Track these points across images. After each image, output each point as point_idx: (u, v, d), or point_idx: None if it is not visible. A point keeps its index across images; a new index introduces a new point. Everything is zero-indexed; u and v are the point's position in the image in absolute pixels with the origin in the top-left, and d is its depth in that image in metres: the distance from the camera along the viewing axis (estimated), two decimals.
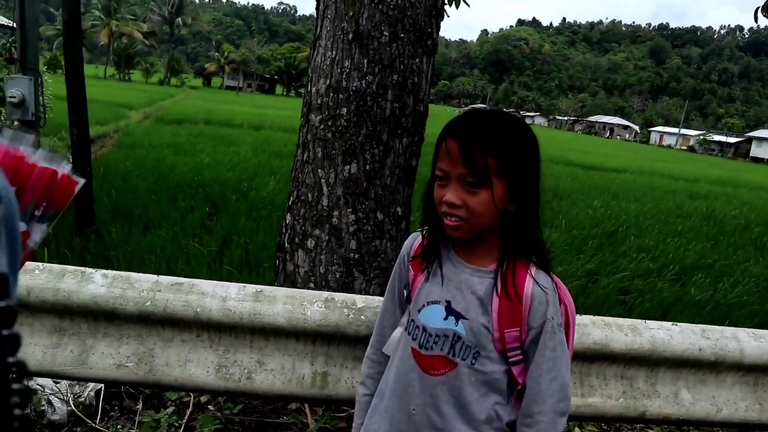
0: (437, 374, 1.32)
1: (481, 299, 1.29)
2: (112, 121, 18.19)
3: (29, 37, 6.16)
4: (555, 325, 1.29)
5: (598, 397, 2.08)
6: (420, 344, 1.34)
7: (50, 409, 2.79)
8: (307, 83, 3.13)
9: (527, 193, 1.25)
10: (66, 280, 1.89)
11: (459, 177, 1.21)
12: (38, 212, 0.78)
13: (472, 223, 1.23)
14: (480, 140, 1.19)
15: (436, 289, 1.35)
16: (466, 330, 1.29)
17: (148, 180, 8.73)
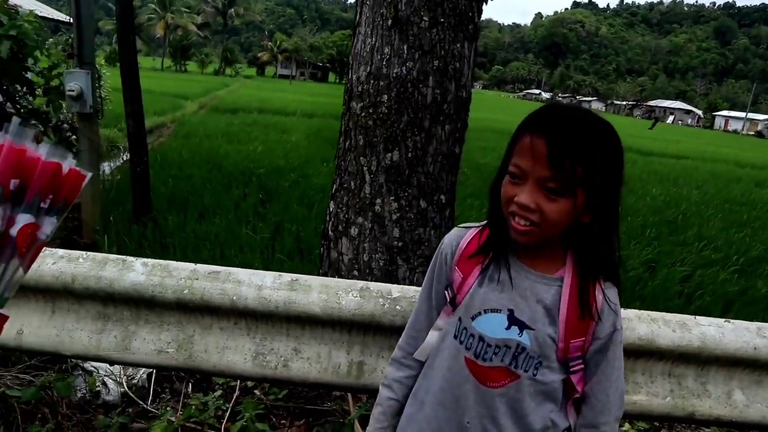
0: (496, 386, 1.24)
1: (548, 308, 1.22)
2: (169, 112, 18.66)
3: (85, 32, 6.34)
4: (621, 335, 1.26)
5: (643, 395, 2.00)
6: (476, 354, 1.25)
7: (105, 390, 2.89)
8: (348, 71, 3.12)
9: (607, 205, 1.17)
10: (108, 268, 1.94)
11: (540, 180, 1.11)
12: (44, 205, 0.79)
13: (543, 230, 1.15)
14: (572, 145, 1.09)
15: (494, 296, 1.25)
16: (531, 341, 1.22)
17: (202, 168, 8.92)
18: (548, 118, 1.14)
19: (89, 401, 2.79)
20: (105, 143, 11.72)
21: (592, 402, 1.27)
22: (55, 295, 2.01)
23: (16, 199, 0.76)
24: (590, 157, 1.09)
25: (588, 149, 1.10)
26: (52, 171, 0.79)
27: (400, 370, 1.44)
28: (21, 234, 0.78)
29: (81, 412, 2.71)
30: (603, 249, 1.21)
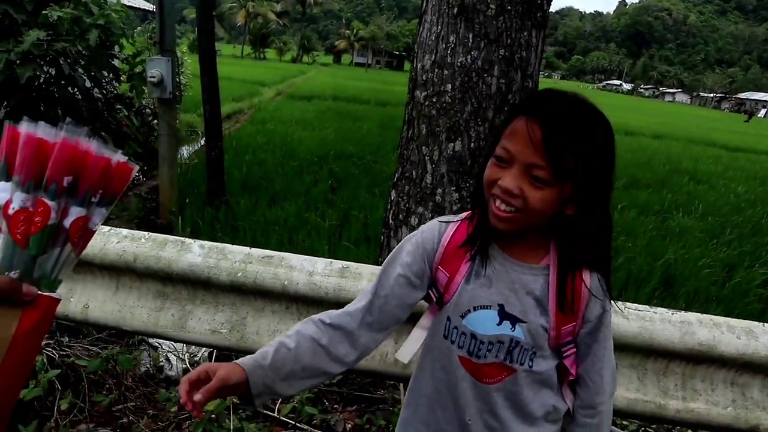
0: (492, 382, 1.22)
1: (538, 299, 1.18)
2: (247, 98, 19.16)
3: (167, 21, 6.57)
4: (610, 315, 1.24)
5: (702, 403, 1.90)
6: (470, 352, 1.21)
7: (168, 365, 3.01)
8: (413, 59, 3.09)
9: (595, 199, 1.11)
10: (167, 249, 2.01)
11: (527, 165, 1.05)
12: (95, 199, 0.84)
13: (524, 217, 1.09)
14: (568, 134, 1.03)
15: (482, 292, 1.20)
16: (524, 334, 1.18)
17: (276, 154, 9.11)
18: (545, 102, 1.08)
19: (152, 375, 2.91)
20: (184, 128, 12.16)
21: (588, 384, 1.26)
22: (119, 273, 2.10)
23: (70, 193, 0.81)
24: (584, 148, 1.04)
25: (583, 140, 1.04)
26: (103, 166, 0.83)
27: (324, 334, 1.23)
28: (73, 226, 0.83)
29: (144, 385, 2.84)
30: (587, 243, 1.16)
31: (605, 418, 1.28)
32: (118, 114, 8.30)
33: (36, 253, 0.79)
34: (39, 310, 0.79)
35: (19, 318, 0.77)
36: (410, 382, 1.38)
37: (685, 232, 7.11)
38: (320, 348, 1.21)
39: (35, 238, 0.78)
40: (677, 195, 9.35)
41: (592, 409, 1.26)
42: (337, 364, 1.24)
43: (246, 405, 1.19)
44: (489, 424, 1.24)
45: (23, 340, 0.77)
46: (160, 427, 2.57)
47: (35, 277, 0.80)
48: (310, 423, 2.65)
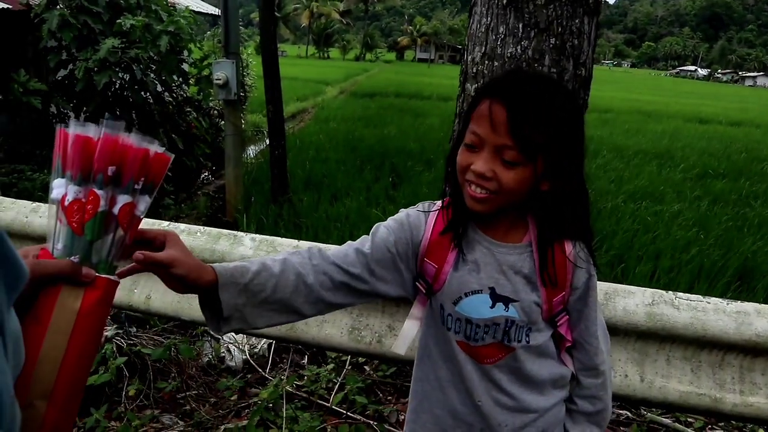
0: (492, 362, 1.24)
1: (527, 276, 1.20)
2: (311, 97, 19.51)
3: (231, 24, 6.77)
4: (595, 280, 1.25)
5: (762, 397, 1.82)
6: (467, 337, 1.23)
7: (229, 356, 3.13)
8: (464, 52, 3.08)
9: (568, 172, 1.12)
10: (221, 242, 2.10)
11: (497, 147, 1.06)
12: (138, 186, 0.90)
13: (500, 198, 1.10)
14: (532, 111, 1.04)
15: (472, 277, 1.20)
16: (518, 312, 1.20)
17: (338, 152, 9.23)
18: (508, 83, 1.09)
19: (214, 366, 3.03)
20: (249, 128, 12.50)
21: (585, 348, 1.28)
22: None
23: (115, 182, 0.89)
24: (551, 124, 1.05)
25: (548, 115, 1.05)
26: (142, 156, 0.90)
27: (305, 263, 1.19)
28: (121, 212, 0.90)
29: (206, 374, 2.96)
30: (564, 216, 1.17)
31: (608, 376, 1.32)
32: (188, 116, 8.64)
33: (91, 239, 0.87)
34: (99, 290, 0.87)
35: (82, 296, 0.85)
36: (414, 373, 1.40)
37: (765, 223, 6.77)
38: (303, 286, 1.16)
39: (89, 225, 0.87)
40: (756, 184, 8.91)
41: (594, 370, 1.29)
42: (313, 308, 1.20)
43: (211, 325, 1.12)
44: (499, 400, 1.26)
45: (87, 316, 0.85)
46: (221, 415, 2.68)
47: (93, 262, 0.88)
48: (363, 413, 2.70)
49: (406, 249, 1.25)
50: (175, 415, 2.66)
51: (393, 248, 1.24)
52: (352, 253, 1.22)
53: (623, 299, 1.87)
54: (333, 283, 1.20)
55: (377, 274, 1.23)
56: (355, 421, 2.61)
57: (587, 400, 1.32)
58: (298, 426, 2.46)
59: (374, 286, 1.24)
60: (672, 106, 24.49)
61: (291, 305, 1.17)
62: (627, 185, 7.92)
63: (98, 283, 0.87)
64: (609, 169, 8.96)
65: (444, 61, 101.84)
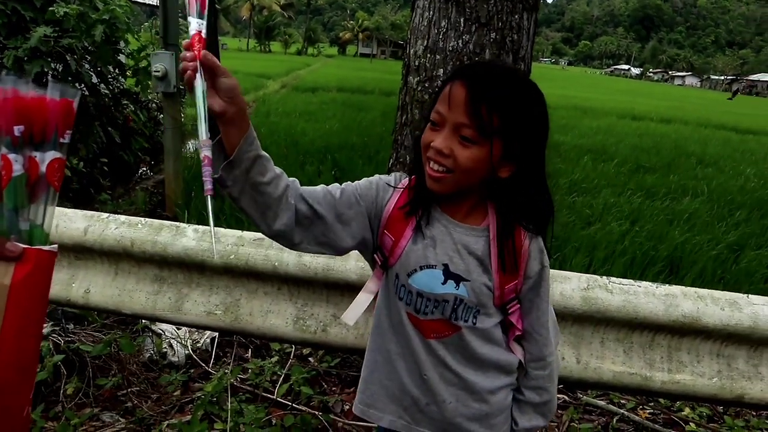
0: (438, 337, 1.29)
1: (480, 259, 1.24)
2: (252, 91, 19.20)
3: (170, 15, 6.60)
4: (548, 271, 1.30)
5: (687, 375, 1.94)
6: (416, 310, 1.28)
7: (171, 351, 3.08)
8: (406, 46, 3.12)
9: (526, 157, 1.17)
10: (163, 233, 2.07)
11: (455, 126, 1.12)
12: (64, 139, 0.87)
13: (456, 177, 1.15)
14: (490, 93, 1.10)
15: (428, 252, 1.25)
16: (468, 292, 1.24)
17: (279, 146, 9.14)
18: (471, 67, 1.17)
19: (156, 361, 2.98)
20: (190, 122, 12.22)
21: (535, 338, 1.33)
22: (118, 258, 2.16)
23: (29, 141, 0.83)
24: (507, 107, 1.11)
25: (505, 98, 1.11)
26: (62, 107, 0.86)
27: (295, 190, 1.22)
28: (49, 169, 0.86)
29: (147, 370, 2.91)
30: (522, 203, 1.22)
31: (555, 367, 1.37)
32: (125, 109, 8.38)
33: (14, 206, 0.82)
34: (29, 264, 0.82)
35: (12, 271, 0.81)
36: (368, 344, 1.43)
37: (692, 215, 7.11)
38: (285, 199, 1.18)
39: (7, 192, 0.81)
40: (684, 178, 9.33)
41: (542, 361, 1.34)
42: (281, 224, 1.19)
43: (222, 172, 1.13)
44: (445, 377, 1.30)
45: (20, 292, 0.81)
46: (163, 410, 2.64)
47: (23, 230, 0.84)
48: (308, 404, 2.71)
49: (370, 208, 1.29)
50: (115, 412, 2.60)
51: (361, 201, 1.28)
52: (320, 191, 1.25)
53: (560, 284, 1.95)
54: (298, 216, 1.22)
55: (342, 218, 1.26)
56: (300, 412, 2.62)
57: (534, 391, 1.36)
58: (243, 419, 2.45)
59: (334, 228, 1.25)
60: (606, 103, 25.28)
61: (271, 206, 1.17)
62: (563, 179, 8.15)
63: (28, 255, 0.82)
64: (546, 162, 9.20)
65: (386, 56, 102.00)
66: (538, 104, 1.17)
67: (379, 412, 1.39)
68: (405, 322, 1.30)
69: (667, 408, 3.15)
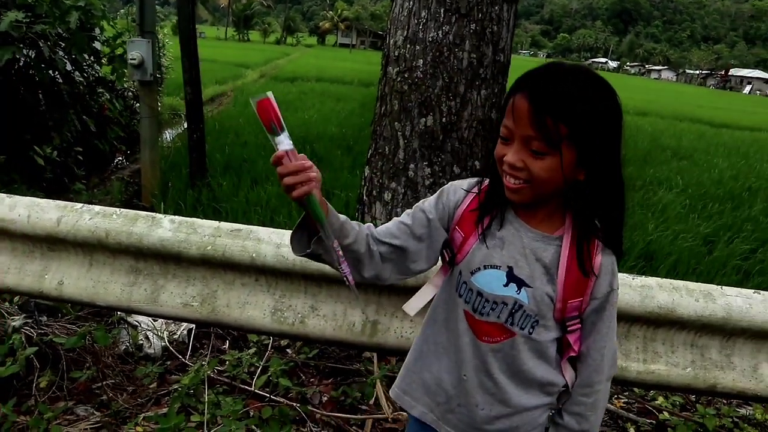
0: (491, 341, 1.27)
1: (547, 267, 1.22)
2: (230, 81, 19.04)
3: (146, 1, 6.50)
4: (616, 296, 1.27)
5: (662, 365, 1.96)
6: (474, 309, 1.27)
7: (147, 343, 3.05)
8: (386, 36, 3.11)
9: (600, 162, 1.14)
10: (138, 224, 2.04)
11: (523, 139, 1.11)
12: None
13: (534, 188, 1.15)
14: (553, 102, 1.07)
15: (494, 253, 1.25)
16: (528, 299, 1.23)
17: (258, 136, 9.07)
18: (534, 77, 1.13)
19: (131, 354, 2.94)
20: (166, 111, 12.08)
21: (588, 361, 1.29)
22: (92, 249, 2.12)
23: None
24: (575, 114, 1.07)
25: (572, 106, 1.07)
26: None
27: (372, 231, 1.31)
28: None
29: (123, 362, 2.87)
30: (599, 207, 1.19)
31: (601, 398, 1.32)
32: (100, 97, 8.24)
33: None
34: None
35: None
36: (421, 331, 1.45)
37: (667, 207, 7.19)
38: (368, 251, 1.27)
39: None
40: (659, 171, 9.44)
41: (589, 388, 1.30)
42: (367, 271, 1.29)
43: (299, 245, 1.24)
44: (484, 383, 1.29)
45: None
46: (139, 403, 2.61)
47: None
48: (286, 396, 2.70)
49: (442, 214, 1.32)
50: (90, 405, 2.56)
51: (430, 213, 1.32)
52: (393, 227, 1.32)
53: None
54: (382, 257, 1.30)
55: (422, 238, 1.31)
56: (278, 404, 2.61)
57: (574, 417, 1.32)
58: (221, 411, 2.43)
59: (417, 251, 1.31)
60: None
61: (360, 260, 1.27)
62: None
63: None
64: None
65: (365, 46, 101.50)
66: (606, 102, 1.13)
67: (413, 400, 1.43)
68: (460, 319, 1.31)
69: (641, 397, 3.19)
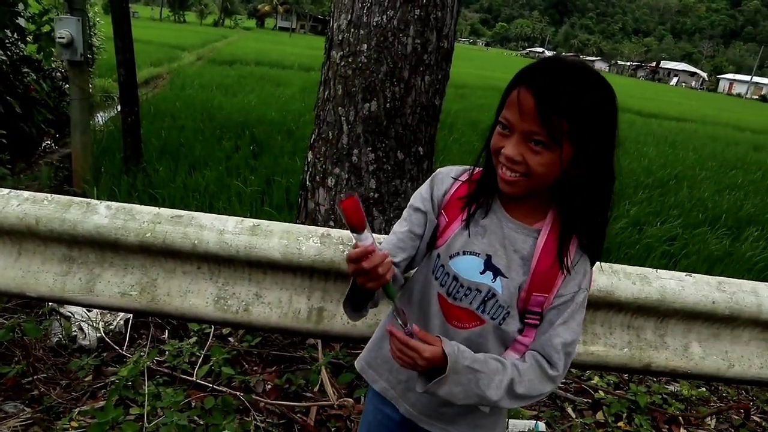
0: (460, 327, 1.28)
1: (524, 259, 1.23)
2: (166, 63, 18.44)
3: None
4: (584, 296, 1.26)
5: (601, 346, 2.02)
6: (448, 292, 1.28)
7: (81, 334, 2.93)
8: (329, 19, 3.06)
9: (596, 158, 1.14)
10: (72, 210, 1.94)
11: (525, 133, 1.11)
12: None
13: (530, 181, 1.15)
14: (558, 99, 1.07)
15: (475, 240, 1.26)
16: (502, 289, 1.24)
17: (195, 120, 8.84)
18: (539, 71, 1.12)
19: (65, 345, 2.83)
20: (98, 93, 11.61)
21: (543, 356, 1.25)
22: (21, 237, 2.01)
23: None
24: (577, 111, 1.08)
25: (575, 103, 1.08)
26: None
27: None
28: None
29: (56, 355, 2.76)
30: (586, 205, 1.19)
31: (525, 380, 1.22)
32: (26, 77, 7.83)
33: None
34: None
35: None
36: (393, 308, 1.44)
37: None
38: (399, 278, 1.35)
39: None
40: None
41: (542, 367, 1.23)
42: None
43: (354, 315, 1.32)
44: None
45: None
46: (74, 397, 2.51)
47: None
48: (229, 385, 2.65)
49: (434, 205, 1.34)
50: (20, 401, 2.44)
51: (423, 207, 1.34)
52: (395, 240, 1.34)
53: None
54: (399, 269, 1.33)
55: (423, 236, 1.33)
56: (221, 393, 2.56)
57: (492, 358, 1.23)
58: (161, 402, 2.36)
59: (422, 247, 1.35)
60: None
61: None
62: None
63: None
64: (463, 142, 9.32)
65: (305, 30, 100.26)
66: (606, 99, 1.13)
67: (376, 374, 1.47)
68: (433, 302, 1.31)
69: (578, 377, 3.30)
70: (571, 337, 1.25)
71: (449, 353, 1.14)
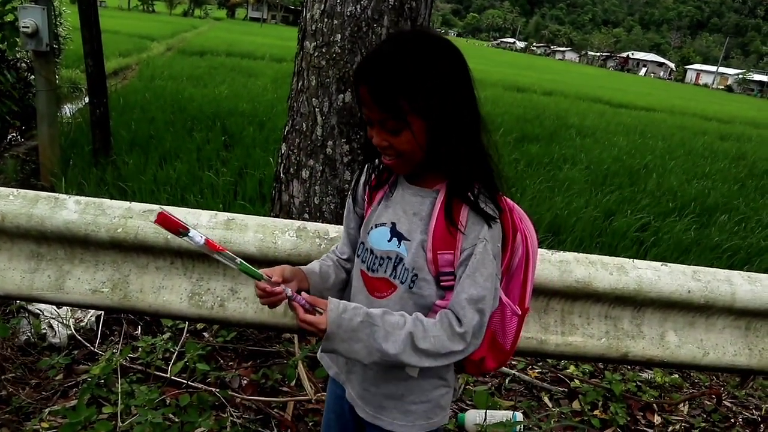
0: (380, 296, 1.33)
1: (423, 219, 1.28)
2: (135, 53, 18.11)
3: None
4: (486, 246, 1.22)
5: (579, 336, 2.04)
6: (368, 267, 1.35)
7: (51, 332, 2.86)
8: (302, 9, 3.02)
9: (452, 123, 1.19)
10: (39, 206, 1.89)
11: (378, 122, 1.20)
12: None
13: (406, 160, 1.23)
14: (386, 83, 1.14)
15: (383, 212, 1.35)
16: (407, 252, 1.28)
17: (165, 111, 8.70)
18: (368, 62, 1.19)
19: (34, 344, 2.76)
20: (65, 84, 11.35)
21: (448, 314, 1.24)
22: None
23: None
24: (410, 87, 1.13)
25: (405, 80, 1.14)
26: None
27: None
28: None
29: (24, 354, 2.69)
30: (459, 165, 1.22)
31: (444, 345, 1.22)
32: None
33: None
34: None
35: None
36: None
37: (571, 183, 7.50)
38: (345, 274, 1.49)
39: None
40: (565, 148, 9.81)
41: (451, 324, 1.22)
42: None
43: None
44: None
45: None
46: (44, 397, 2.46)
47: None
48: (204, 381, 2.62)
49: (360, 198, 1.47)
50: None
51: (356, 208, 1.48)
52: (341, 244, 1.54)
53: None
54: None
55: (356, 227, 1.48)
56: (196, 390, 2.53)
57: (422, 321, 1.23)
58: (135, 400, 2.32)
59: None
60: (493, 75, 26.04)
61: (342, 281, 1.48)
62: None
63: None
64: None
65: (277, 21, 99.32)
66: (446, 68, 1.17)
67: (330, 361, 1.53)
68: (357, 278, 1.40)
69: (554, 367, 3.33)
70: (478, 291, 1.22)
71: (330, 310, 1.21)
